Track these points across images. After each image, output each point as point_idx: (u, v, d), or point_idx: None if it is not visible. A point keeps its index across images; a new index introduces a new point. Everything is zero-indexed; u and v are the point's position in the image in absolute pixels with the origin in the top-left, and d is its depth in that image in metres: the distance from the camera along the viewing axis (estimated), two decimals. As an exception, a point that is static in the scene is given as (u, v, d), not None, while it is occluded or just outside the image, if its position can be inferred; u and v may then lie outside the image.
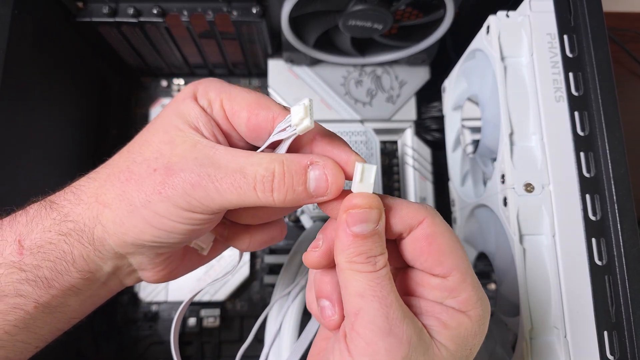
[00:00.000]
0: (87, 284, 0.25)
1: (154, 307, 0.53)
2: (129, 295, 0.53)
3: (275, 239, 0.30)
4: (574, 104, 0.34)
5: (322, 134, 0.25)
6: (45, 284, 0.24)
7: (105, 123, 0.56)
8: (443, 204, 0.53)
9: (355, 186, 0.23)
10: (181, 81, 0.60)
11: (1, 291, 0.23)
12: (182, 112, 0.25)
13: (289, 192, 0.23)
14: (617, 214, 0.32)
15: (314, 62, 0.52)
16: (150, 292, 0.51)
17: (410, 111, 0.54)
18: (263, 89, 0.59)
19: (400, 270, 0.25)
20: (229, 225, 0.29)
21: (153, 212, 0.23)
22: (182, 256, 0.30)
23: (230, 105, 0.25)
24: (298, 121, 0.23)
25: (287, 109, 0.25)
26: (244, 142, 0.27)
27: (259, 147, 0.26)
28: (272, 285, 0.50)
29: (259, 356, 0.51)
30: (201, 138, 0.24)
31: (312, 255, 0.24)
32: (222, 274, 0.52)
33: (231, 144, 0.26)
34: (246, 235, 0.29)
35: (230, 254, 0.52)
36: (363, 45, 0.50)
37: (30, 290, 0.24)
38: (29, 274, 0.24)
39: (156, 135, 0.25)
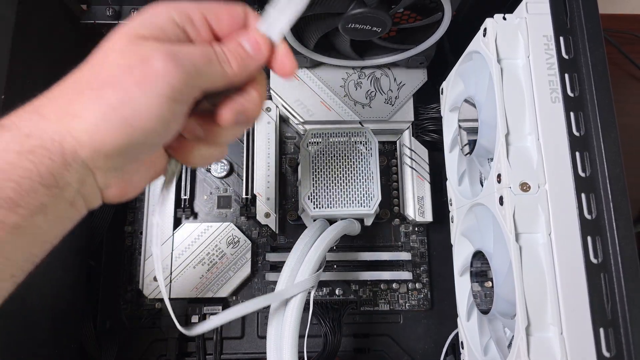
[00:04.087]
0: (54, 202, 0.24)
1: (157, 305, 0.53)
2: (132, 293, 0.53)
3: (250, 113, 0.30)
4: (570, 104, 0.35)
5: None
6: (10, 203, 0.23)
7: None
8: (440, 203, 0.53)
9: None
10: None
11: None
12: (148, 23, 0.26)
13: (238, 58, 0.27)
14: (612, 213, 0.32)
15: (314, 65, 0.53)
16: (153, 289, 0.52)
17: (408, 112, 0.55)
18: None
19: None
20: (203, 122, 0.29)
21: (131, 110, 0.24)
22: (145, 167, 0.29)
23: (212, 15, 0.28)
24: None
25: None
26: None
27: None
28: (274, 283, 0.51)
29: (259, 355, 0.52)
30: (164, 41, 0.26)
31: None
32: (224, 271, 0.52)
33: None
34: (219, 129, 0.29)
35: (232, 252, 0.53)
36: (362, 48, 0.50)
37: None
38: None
39: (117, 44, 0.26)
